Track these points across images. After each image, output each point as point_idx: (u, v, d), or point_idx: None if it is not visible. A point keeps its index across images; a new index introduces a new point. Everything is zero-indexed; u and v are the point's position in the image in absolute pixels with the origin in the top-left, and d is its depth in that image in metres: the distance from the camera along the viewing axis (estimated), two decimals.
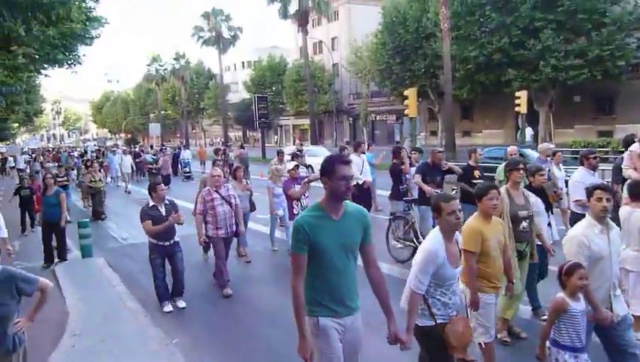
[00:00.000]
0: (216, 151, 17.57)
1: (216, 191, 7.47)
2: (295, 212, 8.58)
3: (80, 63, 17.59)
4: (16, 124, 51.16)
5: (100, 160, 24.31)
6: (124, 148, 32.52)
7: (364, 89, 44.13)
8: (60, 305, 7.09)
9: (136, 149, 32.12)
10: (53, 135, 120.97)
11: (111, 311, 6.86)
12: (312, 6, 35.23)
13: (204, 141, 66.92)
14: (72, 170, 22.89)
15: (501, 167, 8.78)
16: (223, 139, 51.50)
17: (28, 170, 27.35)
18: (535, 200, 5.39)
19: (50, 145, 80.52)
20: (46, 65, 17.23)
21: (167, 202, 6.87)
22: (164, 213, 6.72)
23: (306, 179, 8.62)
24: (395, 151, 10.12)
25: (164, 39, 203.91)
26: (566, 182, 8.67)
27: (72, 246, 10.69)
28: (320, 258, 3.05)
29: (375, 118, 46.41)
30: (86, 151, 35.41)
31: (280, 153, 13.42)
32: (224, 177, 8.36)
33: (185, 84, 57.92)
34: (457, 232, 3.76)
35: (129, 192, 20.86)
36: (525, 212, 5.13)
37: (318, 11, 36.06)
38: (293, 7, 35.48)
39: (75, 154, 34.25)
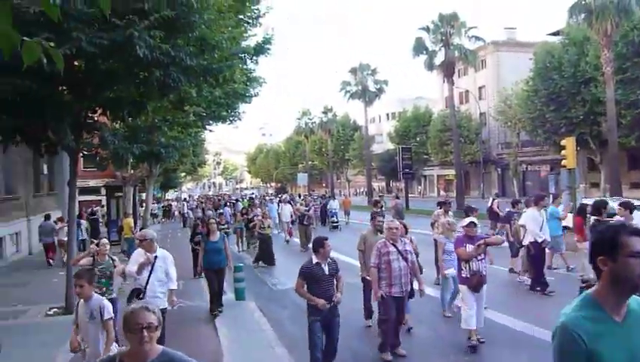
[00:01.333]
0: (375, 203, 17.09)
1: (392, 244, 6.90)
2: (463, 275, 7.21)
3: (240, 119, 19.31)
4: (183, 174, 57.20)
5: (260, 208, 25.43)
6: (284, 196, 33.84)
7: (513, 138, 42.11)
8: (215, 346, 7.54)
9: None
10: (213, 183, 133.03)
11: (260, 355, 7.13)
12: (458, 56, 34.92)
13: (349, 191, 68.60)
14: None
15: None
16: (367, 190, 52.25)
17: (191, 215, 30.21)
18: None
19: (211, 193, 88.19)
20: (211, 122, 19.09)
21: (331, 260, 6.20)
22: (327, 272, 6.07)
23: (482, 241, 7.22)
24: (596, 206, 8.96)
25: (314, 95, 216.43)
26: None
27: (226, 289, 11.42)
28: None
29: (526, 168, 43.80)
30: (235, 201, 36.65)
31: (447, 204, 11.59)
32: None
33: (331, 136, 60.58)
34: None
35: (287, 241, 20.86)
36: None
37: (465, 61, 35.59)
38: (439, 59, 35.48)
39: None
